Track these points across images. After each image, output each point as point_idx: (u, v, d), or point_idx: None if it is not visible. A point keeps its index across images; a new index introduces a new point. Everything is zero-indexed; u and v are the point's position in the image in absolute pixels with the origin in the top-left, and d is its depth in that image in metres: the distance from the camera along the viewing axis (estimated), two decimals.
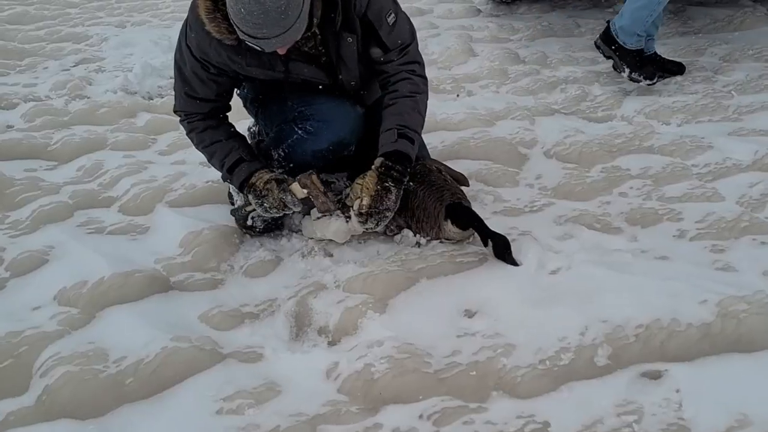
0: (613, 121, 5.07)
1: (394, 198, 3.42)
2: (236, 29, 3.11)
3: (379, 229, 3.54)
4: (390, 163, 3.44)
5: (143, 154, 5.06)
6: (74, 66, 7.42)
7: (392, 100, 3.57)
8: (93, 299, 3.30)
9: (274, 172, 3.64)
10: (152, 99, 6.22)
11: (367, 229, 3.50)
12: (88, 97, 6.23)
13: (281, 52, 3.28)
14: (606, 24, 5.54)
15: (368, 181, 3.46)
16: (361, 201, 3.44)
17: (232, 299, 3.37)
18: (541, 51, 6.87)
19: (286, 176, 3.62)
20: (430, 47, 7.27)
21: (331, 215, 3.61)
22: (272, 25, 3.03)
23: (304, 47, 3.52)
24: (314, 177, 3.50)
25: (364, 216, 3.44)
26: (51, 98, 6.27)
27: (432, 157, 4.22)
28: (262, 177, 3.57)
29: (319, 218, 3.64)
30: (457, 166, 4.27)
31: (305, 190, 3.51)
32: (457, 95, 5.96)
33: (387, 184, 3.42)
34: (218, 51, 3.38)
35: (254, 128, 4.53)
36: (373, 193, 3.42)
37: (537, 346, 2.81)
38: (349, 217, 3.53)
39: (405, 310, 3.11)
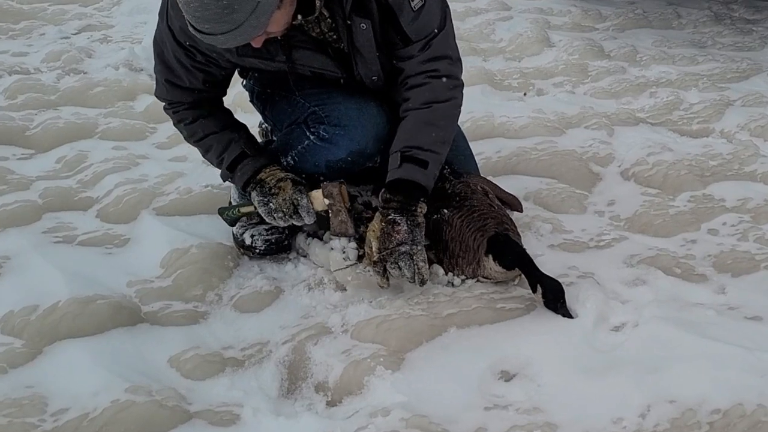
0: (710, 137, 4.87)
1: (405, 228, 3.20)
2: None
3: (421, 275, 3.24)
4: (388, 196, 3.25)
5: (137, 147, 4.94)
6: (76, 33, 7.41)
7: (404, 113, 3.37)
8: (42, 329, 3.14)
9: (288, 172, 3.47)
10: None
11: (394, 276, 3.25)
12: (84, 73, 6.17)
13: (255, 44, 3.05)
14: None
15: (373, 223, 3.28)
16: (371, 249, 3.25)
17: (214, 339, 3.21)
18: (630, 45, 6.72)
19: (304, 182, 3.44)
20: (498, 32, 7.18)
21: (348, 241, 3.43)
22: (214, 21, 2.79)
23: (312, 32, 3.31)
24: (343, 188, 3.34)
25: (380, 264, 3.23)
26: (41, 71, 6.24)
27: (483, 170, 4.05)
28: (274, 174, 3.42)
29: (344, 259, 3.44)
30: (513, 183, 4.11)
31: (327, 201, 3.35)
32: (524, 94, 5.81)
33: (390, 217, 3.21)
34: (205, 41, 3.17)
35: (266, 125, 4.36)
36: (379, 234, 3.23)
37: (584, 429, 2.59)
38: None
39: (424, 368, 2.91)
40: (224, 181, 3.68)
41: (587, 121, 5.06)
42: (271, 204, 3.38)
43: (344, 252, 3.43)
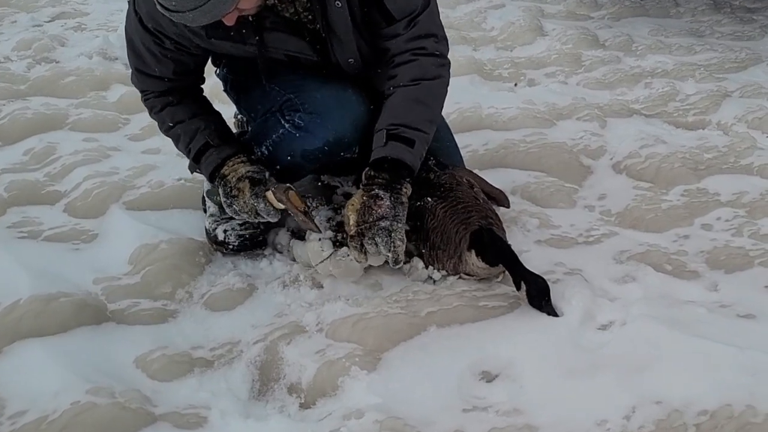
0: (706, 129, 4.88)
1: (388, 203, 3.18)
2: None
3: (396, 253, 3.22)
4: (373, 173, 3.24)
5: (109, 138, 4.94)
6: (49, 21, 7.38)
7: (390, 90, 3.36)
8: (1, 328, 3.09)
9: (255, 163, 3.43)
10: None
11: (370, 253, 3.22)
12: (56, 62, 6.17)
13: (228, 22, 3.03)
14: None
15: (354, 199, 3.25)
16: (349, 222, 3.22)
17: (183, 339, 3.18)
18: (626, 34, 6.72)
19: (266, 174, 3.40)
20: (489, 21, 7.19)
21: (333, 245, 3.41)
22: None
23: (285, 12, 3.29)
24: (292, 194, 3.29)
25: (357, 239, 3.20)
26: (11, 60, 6.23)
27: (469, 163, 4.05)
28: (236, 170, 3.38)
29: (321, 250, 3.42)
30: (500, 176, 4.10)
31: (281, 205, 3.31)
32: (515, 84, 5.81)
33: (374, 192, 3.19)
34: (173, 20, 3.12)
35: (241, 116, 4.34)
36: (359, 207, 3.20)
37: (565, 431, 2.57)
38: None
39: (401, 369, 2.88)
40: (192, 173, 3.67)
41: (579, 112, 5.05)
42: (234, 206, 3.37)
43: (320, 241, 3.42)
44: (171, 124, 3.48)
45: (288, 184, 3.31)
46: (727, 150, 4.40)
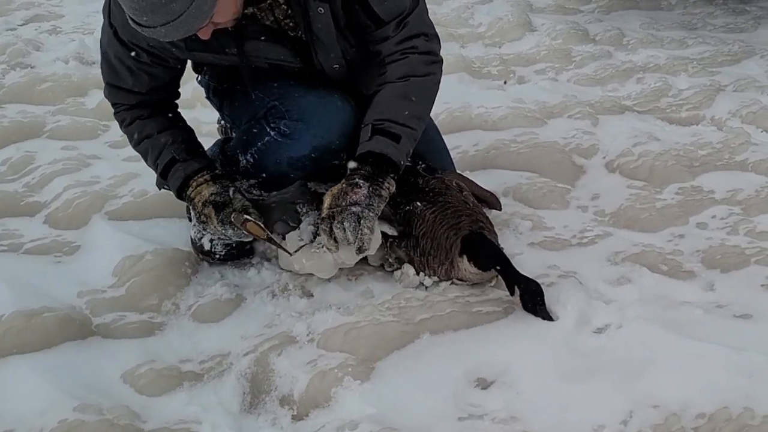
0: (700, 125, 4.92)
1: (365, 192, 3.18)
2: None
3: (362, 241, 3.23)
4: (356, 166, 3.25)
5: (88, 146, 4.93)
6: (23, 24, 7.37)
7: (378, 87, 3.37)
8: None
9: (219, 178, 3.47)
10: None
11: (334, 239, 3.21)
12: (32, 67, 6.16)
13: (203, 36, 3.05)
14: None
15: (334, 187, 3.26)
16: (323, 205, 3.25)
17: (171, 352, 3.19)
18: (617, 27, 6.75)
19: (230, 193, 3.42)
20: (477, 16, 7.21)
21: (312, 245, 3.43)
22: (152, 12, 2.80)
23: (265, 20, 3.31)
24: (250, 224, 3.32)
25: (327, 221, 3.20)
26: None
27: (459, 164, 4.08)
28: (200, 192, 3.41)
29: (300, 239, 3.46)
30: (491, 178, 4.13)
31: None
32: (505, 82, 5.83)
33: (354, 180, 3.20)
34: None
35: (224, 122, 4.35)
36: (335, 192, 3.22)
37: None
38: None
39: (395, 378, 2.91)
40: (159, 189, 3.70)
41: (570, 110, 5.08)
42: (208, 230, 3.44)
43: (299, 230, 3.49)
44: (139, 139, 3.50)
45: (245, 215, 3.33)
46: (721, 146, 4.43)
